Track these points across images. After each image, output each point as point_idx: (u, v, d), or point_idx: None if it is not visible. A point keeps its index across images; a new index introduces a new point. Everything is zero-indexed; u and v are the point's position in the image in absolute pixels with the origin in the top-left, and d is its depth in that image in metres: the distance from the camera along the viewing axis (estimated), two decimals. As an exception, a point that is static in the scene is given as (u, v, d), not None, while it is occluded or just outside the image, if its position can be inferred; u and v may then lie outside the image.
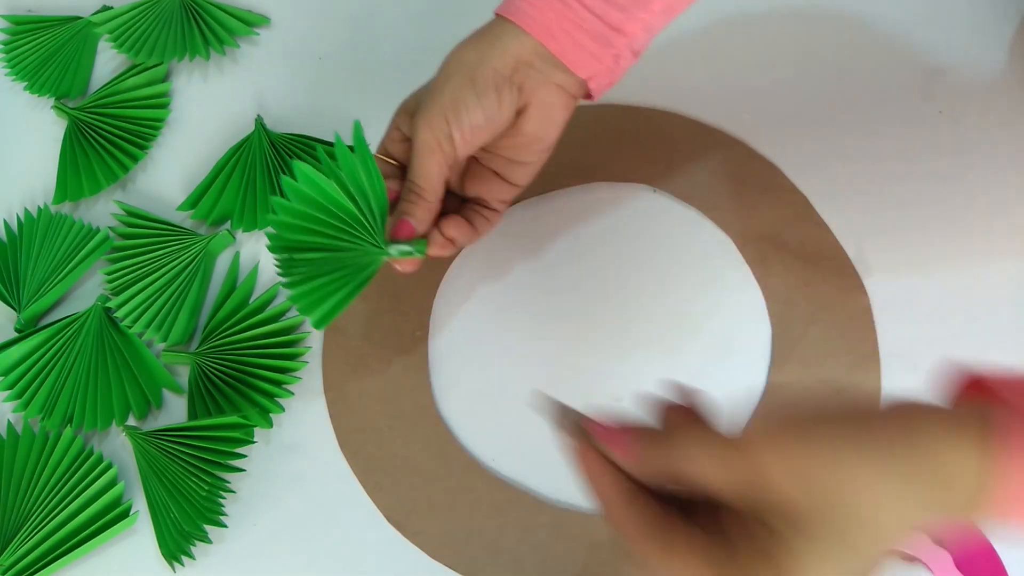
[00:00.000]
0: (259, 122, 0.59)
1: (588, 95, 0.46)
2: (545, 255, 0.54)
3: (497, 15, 0.45)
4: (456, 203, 0.49)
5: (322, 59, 0.62)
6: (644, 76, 0.59)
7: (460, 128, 0.43)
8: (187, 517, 0.49)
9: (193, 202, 0.58)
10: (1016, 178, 0.53)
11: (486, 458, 0.50)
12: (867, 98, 0.56)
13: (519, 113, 0.44)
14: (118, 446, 0.52)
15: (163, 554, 0.48)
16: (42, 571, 0.48)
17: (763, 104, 0.57)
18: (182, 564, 0.48)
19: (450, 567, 0.48)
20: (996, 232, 0.52)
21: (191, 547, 0.48)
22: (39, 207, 0.59)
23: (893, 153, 0.55)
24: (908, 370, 0.49)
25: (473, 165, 0.48)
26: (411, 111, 0.46)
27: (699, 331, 0.52)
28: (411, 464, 0.50)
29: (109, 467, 0.50)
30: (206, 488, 0.49)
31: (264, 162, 0.58)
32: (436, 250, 0.46)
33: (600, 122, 0.57)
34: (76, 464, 0.50)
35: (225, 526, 0.49)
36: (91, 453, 0.50)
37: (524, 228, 0.55)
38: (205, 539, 0.49)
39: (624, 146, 0.56)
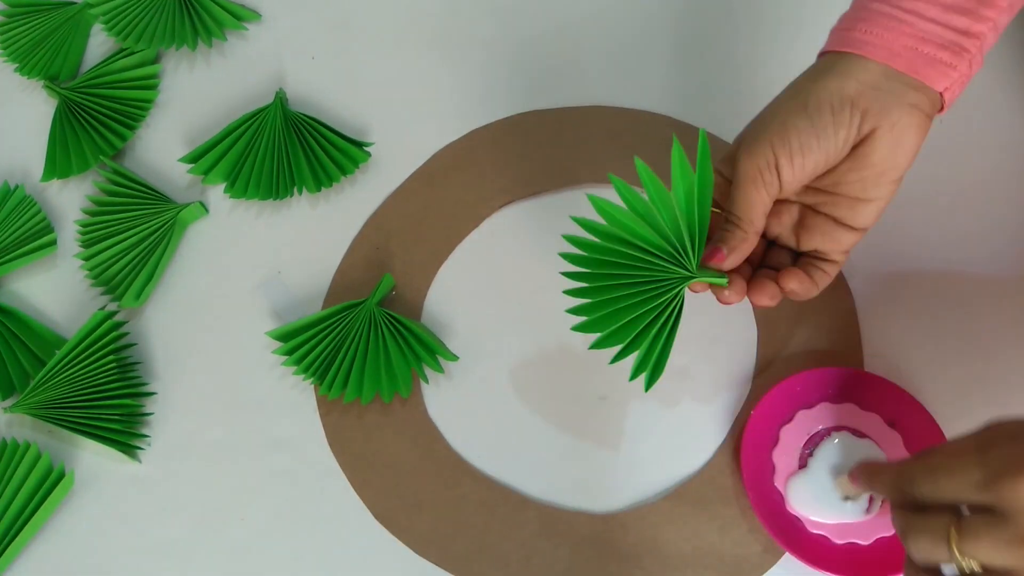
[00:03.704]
0: (280, 95, 0.59)
1: (939, 109, 0.42)
2: (532, 256, 0.55)
3: (827, 52, 0.42)
4: (789, 258, 0.45)
5: (315, 59, 0.63)
6: (634, 79, 0.59)
7: (787, 155, 0.40)
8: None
9: (196, 156, 0.59)
10: (1004, 180, 0.54)
11: (472, 456, 0.50)
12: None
13: (864, 141, 0.40)
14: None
15: None
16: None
17: (754, 107, 0.57)
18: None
19: (436, 564, 0.48)
20: (982, 235, 0.52)
21: None
22: (17, 184, 0.60)
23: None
24: (892, 371, 0.49)
25: (808, 215, 0.44)
26: (733, 155, 0.42)
27: (685, 332, 0.52)
28: (399, 461, 0.50)
29: (28, 447, 0.51)
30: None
31: (273, 134, 0.58)
32: (767, 300, 0.42)
33: (590, 125, 0.58)
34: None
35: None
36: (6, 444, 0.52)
37: (512, 229, 0.55)
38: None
39: (613, 148, 0.56)
